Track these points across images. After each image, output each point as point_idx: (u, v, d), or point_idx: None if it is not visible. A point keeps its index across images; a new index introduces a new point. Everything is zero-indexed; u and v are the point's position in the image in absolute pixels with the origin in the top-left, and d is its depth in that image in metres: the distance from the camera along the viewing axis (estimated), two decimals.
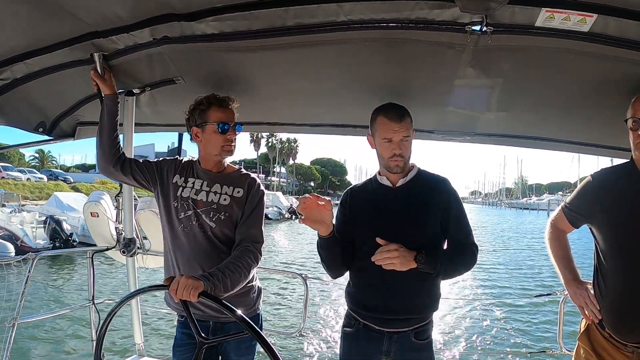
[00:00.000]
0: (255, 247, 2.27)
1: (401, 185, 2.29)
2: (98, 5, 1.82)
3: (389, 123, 2.17)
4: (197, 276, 1.94)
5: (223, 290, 2.02)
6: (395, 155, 2.20)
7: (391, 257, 2.02)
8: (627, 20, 1.60)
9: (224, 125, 2.30)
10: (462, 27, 1.73)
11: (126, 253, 3.41)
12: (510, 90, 2.33)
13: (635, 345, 2.07)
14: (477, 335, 10.50)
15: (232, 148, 2.37)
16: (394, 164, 2.21)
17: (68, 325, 9.77)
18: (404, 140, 2.19)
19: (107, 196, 4.21)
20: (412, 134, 2.23)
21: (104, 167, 2.41)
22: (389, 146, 2.20)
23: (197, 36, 1.97)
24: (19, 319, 3.25)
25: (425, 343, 2.26)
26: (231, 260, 2.17)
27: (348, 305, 2.38)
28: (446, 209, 2.23)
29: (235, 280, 2.10)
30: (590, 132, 2.86)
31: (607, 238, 2.15)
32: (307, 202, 2.06)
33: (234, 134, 2.34)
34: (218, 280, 1.99)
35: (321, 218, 2.10)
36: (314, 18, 1.79)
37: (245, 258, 2.20)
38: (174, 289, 1.83)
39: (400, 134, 2.17)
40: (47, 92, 2.64)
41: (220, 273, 2.04)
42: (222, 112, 2.33)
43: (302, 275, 4.04)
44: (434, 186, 2.29)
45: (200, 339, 1.81)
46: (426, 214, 2.22)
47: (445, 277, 2.23)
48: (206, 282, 1.91)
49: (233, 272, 2.09)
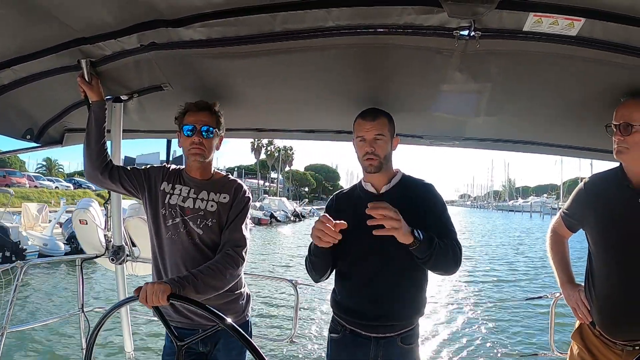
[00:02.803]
0: (235, 251, 2.27)
1: (385, 191, 2.30)
2: (85, 12, 1.80)
3: (362, 122, 2.23)
4: (164, 280, 1.98)
5: (194, 290, 2.03)
6: (368, 153, 2.21)
7: (395, 219, 1.92)
8: (614, 24, 1.61)
9: (187, 127, 2.31)
10: (450, 32, 1.73)
11: (115, 261, 3.38)
12: (499, 95, 2.34)
13: (624, 344, 2.13)
14: (467, 339, 10.49)
15: (200, 151, 2.33)
16: (368, 163, 2.22)
17: (57, 333, 9.67)
18: (377, 139, 2.21)
19: (96, 203, 4.19)
20: (389, 136, 2.25)
21: (92, 175, 2.39)
22: (362, 145, 2.23)
23: (185, 42, 1.96)
24: (7, 327, 3.21)
25: (411, 347, 2.27)
26: (207, 264, 2.19)
27: (334, 311, 2.38)
28: (430, 213, 2.22)
29: (207, 282, 2.10)
30: (578, 135, 2.88)
31: (597, 241, 2.20)
32: (327, 228, 1.97)
33: (199, 136, 2.31)
34: (187, 282, 2.01)
35: (335, 238, 2.01)
36: (302, 24, 1.78)
37: (222, 262, 2.20)
38: (144, 298, 1.85)
39: (373, 132, 2.20)
40: (35, 98, 2.61)
41: (190, 275, 2.07)
42: (192, 115, 2.33)
43: (292, 281, 4.01)
44: (418, 191, 2.29)
45: (179, 343, 1.85)
46: (411, 220, 2.21)
47: (434, 266, 2.12)
48: (173, 284, 1.93)
49: (205, 274, 2.11)
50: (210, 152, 2.38)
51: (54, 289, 14.94)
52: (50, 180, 53.91)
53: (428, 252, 2.02)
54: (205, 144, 2.33)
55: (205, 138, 2.32)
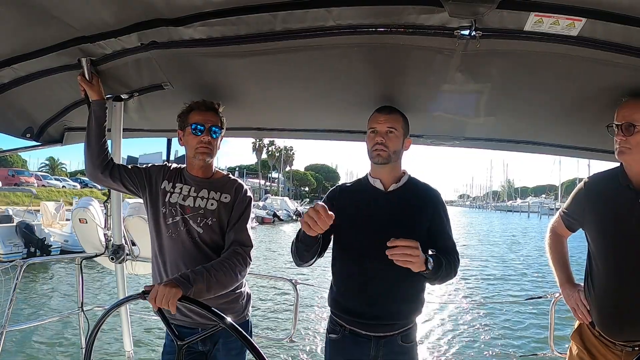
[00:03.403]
0: (244, 251, 2.26)
1: (393, 190, 2.29)
2: (86, 10, 1.80)
3: (377, 115, 2.25)
4: (177, 277, 1.95)
5: (206, 288, 2.02)
6: (378, 143, 2.21)
7: (413, 255, 1.89)
8: (615, 24, 1.60)
9: (197, 126, 2.31)
10: (451, 31, 1.73)
11: (115, 260, 3.38)
12: (500, 95, 2.33)
13: (624, 344, 2.13)
14: (467, 339, 10.49)
15: (209, 150, 2.35)
16: (376, 153, 2.22)
17: (57, 332, 9.67)
18: (389, 132, 2.22)
19: (96, 202, 4.19)
20: (402, 133, 2.27)
21: (92, 173, 2.40)
22: (373, 136, 2.24)
23: (185, 41, 1.96)
24: (7, 326, 3.21)
25: (411, 345, 2.28)
26: (219, 260, 2.18)
27: (332, 311, 2.37)
28: (435, 220, 2.24)
29: (220, 281, 2.10)
30: (579, 135, 2.87)
31: (596, 241, 2.20)
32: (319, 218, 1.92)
33: (208, 136, 2.33)
34: (201, 280, 2.00)
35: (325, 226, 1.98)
36: (302, 23, 1.78)
37: (233, 259, 2.20)
38: (153, 298, 1.83)
39: (385, 125, 2.21)
40: (35, 97, 2.61)
41: (205, 272, 2.05)
42: (200, 114, 2.34)
43: (292, 280, 4.01)
44: (425, 196, 2.30)
45: (179, 342, 1.84)
46: (415, 222, 2.22)
47: (437, 282, 2.21)
48: (185, 286, 1.91)
49: (218, 272, 2.10)
50: (216, 151, 2.40)
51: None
52: (57, 179, 54.34)
53: (435, 276, 2.07)
54: (213, 143, 2.35)
55: (213, 138, 2.34)
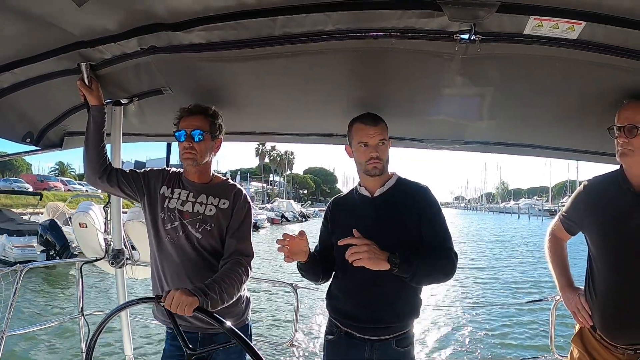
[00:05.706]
0: (246, 261, 2.27)
1: (379, 195, 2.32)
2: (85, 15, 1.79)
3: (365, 127, 2.24)
4: (191, 289, 1.92)
5: (220, 303, 2.01)
6: (373, 158, 2.23)
7: (360, 252, 1.99)
8: (614, 27, 1.60)
9: (179, 133, 2.31)
10: (451, 35, 1.72)
11: (115, 264, 3.38)
12: (500, 98, 2.34)
13: (626, 347, 2.12)
14: (468, 342, 10.44)
15: (192, 155, 2.31)
16: (372, 166, 2.25)
17: (57, 337, 9.64)
18: (380, 144, 2.24)
19: (96, 207, 4.18)
20: (388, 140, 2.28)
21: (90, 178, 2.40)
22: (365, 150, 2.25)
23: (185, 46, 1.96)
24: (7, 331, 3.20)
25: (406, 350, 2.28)
26: (225, 272, 2.16)
27: (329, 313, 2.41)
28: (423, 216, 2.23)
29: (230, 293, 2.09)
30: (579, 138, 2.88)
31: (597, 244, 2.19)
32: (290, 242, 2.19)
33: (189, 141, 2.29)
34: (215, 294, 1.98)
35: (300, 249, 2.22)
36: (301, 27, 1.78)
37: (238, 270, 2.19)
38: (169, 304, 1.81)
39: (376, 138, 2.23)
40: (34, 102, 2.61)
41: (217, 285, 2.03)
42: (185, 120, 2.33)
43: (292, 284, 4.00)
44: (413, 194, 2.30)
45: (189, 351, 1.80)
46: (404, 223, 2.23)
47: (421, 283, 2.22)
48: (202, 297, 1.90)
49: (228, 285, 2.09)
50: (203, 155, 2.34)
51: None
52: (81, 184, 54.75)
53: (409, 273, 2.06)
54: (196, 147, 2.30)
55: (196, 142, 2.30)
